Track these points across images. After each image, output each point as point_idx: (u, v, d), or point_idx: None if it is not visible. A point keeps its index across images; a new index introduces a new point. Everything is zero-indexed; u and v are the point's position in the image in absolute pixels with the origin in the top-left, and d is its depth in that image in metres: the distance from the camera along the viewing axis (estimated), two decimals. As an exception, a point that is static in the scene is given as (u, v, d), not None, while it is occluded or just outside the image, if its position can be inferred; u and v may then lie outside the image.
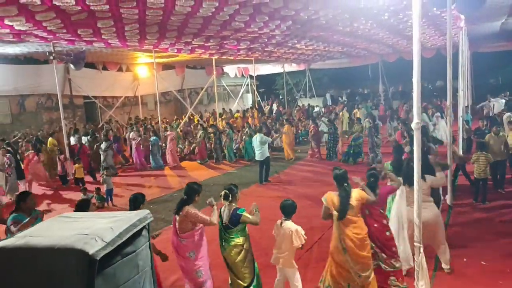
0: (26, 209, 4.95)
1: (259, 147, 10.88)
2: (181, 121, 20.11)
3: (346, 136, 15.26)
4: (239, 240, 4.47)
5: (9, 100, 17.54)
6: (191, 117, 20.82)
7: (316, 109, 25.63)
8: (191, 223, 4.53)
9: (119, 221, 2.23)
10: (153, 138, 14.53)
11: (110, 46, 11.79)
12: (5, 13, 6.94)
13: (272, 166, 11.73)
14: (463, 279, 5.18)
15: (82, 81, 18.02)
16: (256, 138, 11.07)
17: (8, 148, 11.82)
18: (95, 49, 13.14)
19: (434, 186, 5.50)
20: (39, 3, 6.61)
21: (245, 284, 4.48)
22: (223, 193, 4.56)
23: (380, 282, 4.73)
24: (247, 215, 4.47)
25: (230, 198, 4.55)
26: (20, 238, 2.05)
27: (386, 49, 19.94)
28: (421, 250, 4.37)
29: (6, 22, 7.48)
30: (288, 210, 4.57)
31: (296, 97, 29.73)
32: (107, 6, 7.15)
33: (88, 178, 12.48)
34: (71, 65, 14.41)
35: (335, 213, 4.50)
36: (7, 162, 10.65)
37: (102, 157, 12.80)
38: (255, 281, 4.55)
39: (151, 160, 14.61)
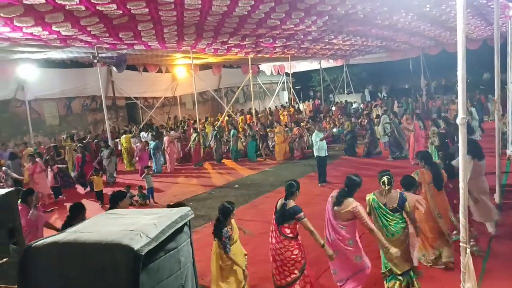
0: None
1: (314, 144, 10.73)
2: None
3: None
4: (405, 222, 4.68)
5: (57, 102, 18.51)
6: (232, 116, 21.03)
7: (354, 105, 25.12)
8: (351, 214, 4.62)
9: (161, 218, 2.30)
10: (153, 142, 13.95)
11: (150, 48, 12.13)
12: (53, 19, 7.31)
13: (311, 165, 11.63)
14: (514, 281, 4.91)
15: (124, 83, 18.73)
16: (313, 136, 11.05)
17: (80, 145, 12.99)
18: (135, 52, 13.57)
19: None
20: (83, 8, 6.92)
21: (413, 264, 4.73)
22: (385, 178, 4.63)
23: None
24: None
25: (392, 183, 4.70)
26: (71, 233, 2.16)
27: (427, 41, 19.18)
28: (468, 251, 4.18)
29: (54, 28, 7.87)
30: (407, 184, 4.99)
31: (333, 94, 29.27)
32: (147, 10, 7.37)
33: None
34: (114, 68, 14.96)
35: (431, 185, 5.37)
36: (2, 177, 10.19)
37: (104, 164, 12.62)
38: None
39: (152, 165, 13.85)
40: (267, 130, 15.69)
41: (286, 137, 14.75)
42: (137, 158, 13.75)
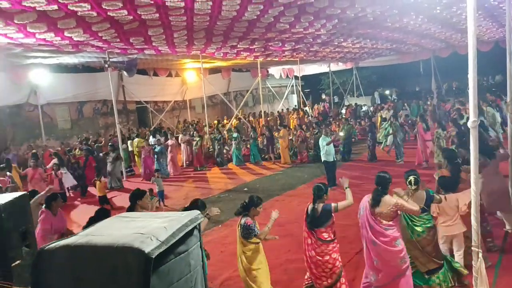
0: None
1: (322, 149, 10.64)
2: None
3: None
4: (432, 222, 4.66)
5: (68, 106, 18.77)
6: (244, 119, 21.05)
7: (364, 108, 24.99)
8: (394, 211, 4.43)
9: (172, 221, 2.32)
10: (159, 147, 13.73)
11: (160, 53, 12.24)
12: (65, 25, 7.44)
13: (319, 168, 11.58)
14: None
15: (134, 87, 18.91)
16: (319, 141, 10.97)
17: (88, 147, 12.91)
18: (145, 56, 13.71)
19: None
20: (95, 15, 7.03)
21: (442, 262, 4.64)
22: (412, 178, 4.64)
23: None
24: None
25: (419, 183, 4.67)
26: (83, 236, 2.19)
27: (438, 44, 19.00)
28: (480, 255, 4.12)
29: (66, 34, 8.01)
30: (449, 186, 5.04)
31: (342, 96, 29.17)
32: (157, 15, 7.45)
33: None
34: (124, 72, 15.10)
35: None
36: (9, 181, 9.44)
37: (109, 168, 12.40)
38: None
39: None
40: (274, 133, 15.65)
41: (290, 141, 14.73)
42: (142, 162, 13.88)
